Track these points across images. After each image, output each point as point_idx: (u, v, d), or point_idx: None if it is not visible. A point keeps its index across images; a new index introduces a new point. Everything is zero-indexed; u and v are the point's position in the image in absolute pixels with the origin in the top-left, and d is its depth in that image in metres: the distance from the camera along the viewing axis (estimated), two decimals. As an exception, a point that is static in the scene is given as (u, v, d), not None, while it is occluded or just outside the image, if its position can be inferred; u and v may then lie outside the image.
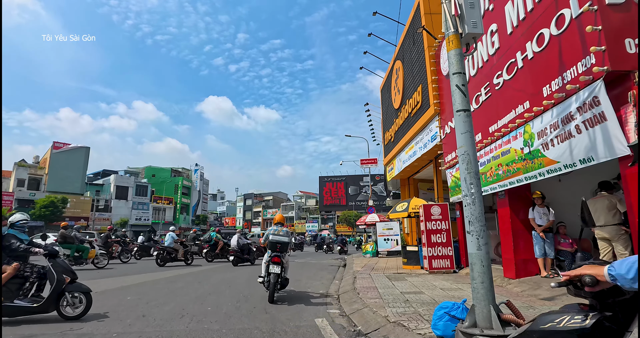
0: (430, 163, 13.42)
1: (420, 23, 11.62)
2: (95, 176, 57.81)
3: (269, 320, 4.84)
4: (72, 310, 4.94)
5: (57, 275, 4.90)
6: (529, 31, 6.29)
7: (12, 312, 4.67)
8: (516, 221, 7.43)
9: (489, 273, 3.33)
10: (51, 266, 4.97)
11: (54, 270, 4.94)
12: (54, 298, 4.82)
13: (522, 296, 6.02)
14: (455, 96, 3.72)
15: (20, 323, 4.57)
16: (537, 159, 6.10)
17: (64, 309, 4.90)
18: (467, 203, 3.52)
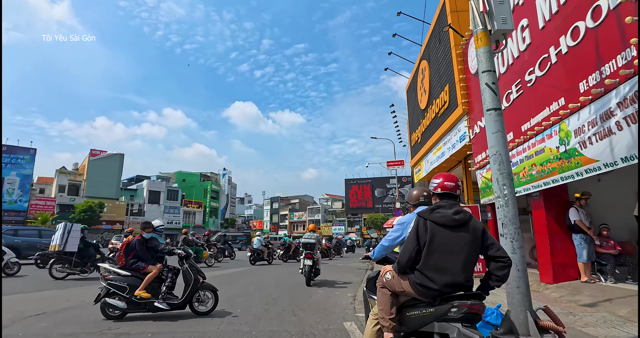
0: (459, 164, 13.09)
1: (447, 21, 11.39)
2: (130, 182, 60.19)
3: (298, 323, 4.85)
4: (203, 307, 5.40)
5: (194, 275, 5.34)
6: (562, 25, 6.03)
7: (152, 309, 5.12)
8: (552, 223, 7.11)
9: (524, 277, 3.20)
10: (188, 267, 5.41)
11: (191, 270, 5.37)
12: (190, 296, 5.28)
13: (561, 302, 5.74)
14: (485, 94, 3.61)
15: (63, 324, 4.80)
16: (574, 158, 5.82)
17: (196, 306, 5.35)
18: (499, 204, 3.40)
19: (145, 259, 5.42)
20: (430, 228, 2.36)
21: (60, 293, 7.23)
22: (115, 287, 5.04)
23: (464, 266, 2.30)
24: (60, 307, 5.79)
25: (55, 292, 7.30)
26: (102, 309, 5.04)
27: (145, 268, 5.33)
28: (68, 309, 5.63)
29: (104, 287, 5.10)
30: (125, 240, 5.62)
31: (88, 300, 6.42)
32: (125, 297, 5.03)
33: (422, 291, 2.31)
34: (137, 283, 5.12)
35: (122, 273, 5.24)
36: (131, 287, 5.06)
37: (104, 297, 5.02)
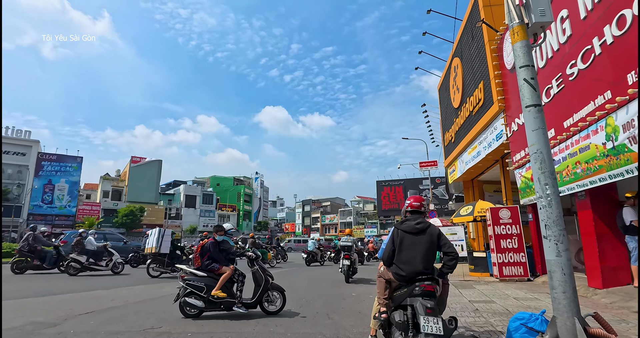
0: (495, 164, 12.63)
1: (479, 17, 11.06)
2: (167, 187, 62.65)
3: (332, 326, 4.84)
4: (273, 306, 5.64)
5: (264, 276, 5.61)
6: (606, 14, 5.70)
7: (227, 309, 5.41)
8: (600, 224, 6.69)
9: (571, 282, 3.03)
10: (259, 268, 5.68)
11: (261, 271, 5.64)
12: (261, 296, 5.54)
13: (612, 308, 5.38)
14: (524, 90, 3.46)
15: (110, 322, 5.05)
16: (623, 155, 5.46)
17: (266, 306, 5.61)
18: (542, 205, 3.24)
19: (219, 260, 5.69)
20: (400, 234, 3.43)
21: (105, 293, 7.62)
22: (194, 287, 5.31)
23: (423, 259, 3.27)
24: (106, 306, 6.10)
25: (101, 292, 7.70)
26: (181, 308, 5.33)
27: (219, 269, 5.59)
28: (114, 308, 5.92)
29: (182, 287, 5.39)
30: (201, 242, 5.92)
31: (132, 300, 6.74)
32: (203, 297, 5.30)
33: (397, 277, 3.34)
34: (212, 284, 5.40)
35: (198, 274, 5.51)
36: (208, 287, 5.33)
37: (183, 297, 5.30)
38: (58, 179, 40.74)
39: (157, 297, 7.20)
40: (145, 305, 6.22)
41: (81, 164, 42.87)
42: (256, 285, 5.59)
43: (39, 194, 39.30)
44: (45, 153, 41.04)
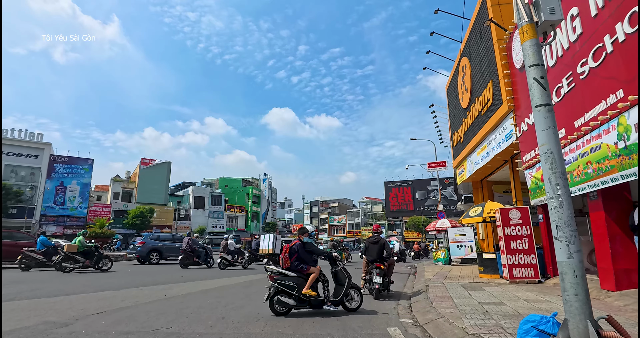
0: (505, 164, 12.50)
1: (488, 16, 10.98)
2: (176, 188, 63.16)
3: (341, 327, 4.83)
4: (355, 303, 6.03)
5: (347, 275, 6.05)
6: (618, 11, 5.61)
7: (315, 306, 5.81)
8: (613, 225, 6.58)
9: (583, 284, 2.98)
10: (342, 268, 6.13)
11: (344, 271, 6.10)
12: (345, 295, 5.92)
13: (626, 311, 5.28)
14: (534, 90, 3.42)
15: (121, 322, 5.11)
16: (635, 155, 5.36)
17: (348, 304, 5.98)
18: (553, 206, 3.19)
19: (307, 261, 6.00)
20: (367, 243, 8.22)
21: (116, 293, 7.71)
22: (286, 286, 5.62)
23: (377, 254, 7.90)
24: (117, 306, 6.17)
25: (112, 293, 7.79)
26: (271, 306, 5.60)
27: (308, 269, 5.90)
28: (124, 309, 5.98)
29: (272, 286, 5.67)
30: (286, 245, 6.23)
31: (142, 300, 6.81)
32: (294, 295, 5.63)
33: (368, 261, 7.98)
34: (302, 283, 5.72)
35: (289, 274, 5.79)
36: (298, 286, 5.66)
37: (274, 295, 5.61)
38: (69, 181, 41.37)
39: (166, 297, 7.26)
40: (155, 306, 6.28)
41: (92, 166, 43.48)
42: (338, 284, 5.99)
43: (51, 196, 39.93)
44: (57, 155, 41.71)
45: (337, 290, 5.95)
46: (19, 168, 38.89)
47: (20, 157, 38.96)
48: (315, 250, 6.20)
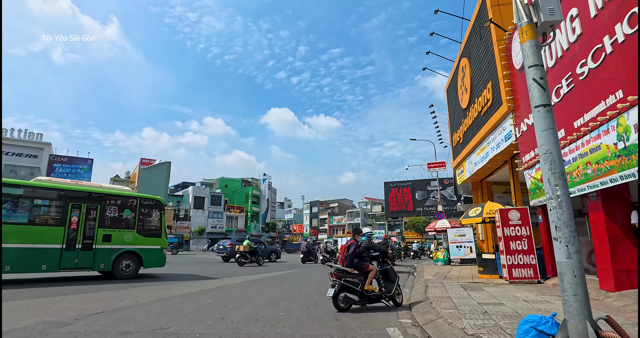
0: (505, 164, 12.51)
1: (487, 16, 10.99)
2: (176, 188, 63.14)
3: (340, 328, 4.83)
4: (399, 299, 6.53)
5: (396, 273, 6.60)
6: (617, 12, 5.62)
7: (373, 301, 6.27)
8: (612, 225, 6.58)
9: (582, 284, 2.98)
10: (391, 267, 6.66)
11: (394, 269, 6.64)
12: (397, 290, 6.46)
13: (625, 311, 5.28)
14: (533, 90, 3.42)
15: (120, 323, 5.10)
16: (635, 155, 5.37)
17: (398, 298, 6.47)
18: (552, 206, 3.20)
19: (365, 259, 6.41)
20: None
21: (115, 293, 7.70)
22: (351, 283, 6.03)
23: None
24: (116, 306, 6.17)
25: (111, 293, 7.78)
26: (334, 302, 5.98)
27: (367, 267, 6.26)
28: (124, 309, 5.97)
29: (337, 284, 6.04)
30: (343, 244, 6.61)
31: (141, 300, 6.80)
32: (358, 291, 6.04)
33: None
34: (362, 281, 6.10)
35: (352, 272, 6.15)
36: (361, 283, 6.08)
37: (340, 292, 6.00)
38: (69, 181, 41.29)
39: (166, 297, 7.25)
40: (154, 306, 6.28)
41: (92, 166, 43.48)
42: (389, 281, 6.44)
43: (51, 196, 39.84)
44: (56, 155, 41.70)
45: (388, 286, 6.36)
46: (18, 167, 38.87)
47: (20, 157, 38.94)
48: (373, 246, 6.68)
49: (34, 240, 9.32)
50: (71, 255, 9.82)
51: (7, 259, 8.73)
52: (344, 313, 5.81)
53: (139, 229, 11.24)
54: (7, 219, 9.04)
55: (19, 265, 8.97)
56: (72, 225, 9.99)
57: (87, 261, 10.09)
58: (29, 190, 9.60)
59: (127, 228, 11.00)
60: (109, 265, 10.43)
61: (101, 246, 10.38)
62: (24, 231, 9.25)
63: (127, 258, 10.82)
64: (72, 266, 9.82)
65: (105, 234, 10.51)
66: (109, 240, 10.56)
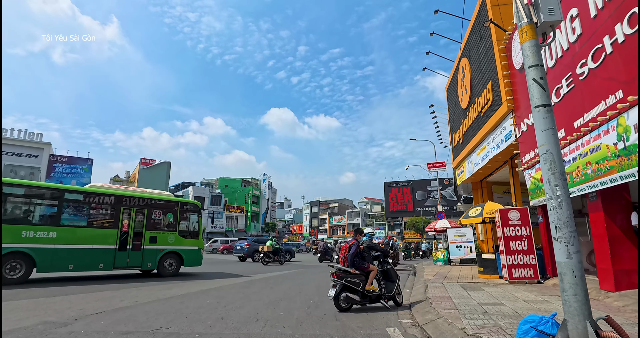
0: (505, 164, 12.51)
1: (487, 16, 10.99)
2: (176, 188, 63.08)
3: (340, 328, 4.83)
4: (400, 298, 6.59)
5: (397, 273, 6.65)
6: (617, 12, 5.62)
7: (374, 301, 6.26)
8: (612, 226, 6.58)
9: (582, 284, 2.98)
10: (392, 267, 6.70)
11: (394, 269, 6.70)
12: (397, 290, 6.52)
13: (625, 311, 5.29)
14: (533, 90, 3.42)
15: (120, 323, 5.10)
16: (634, 156, 5.37)
17: (398, 298, 6.54)
18: (552, 206, 3.20)
19: (367, 259, 6.45)
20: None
21: (115, 293, 7.70)
22: (352, 283, 6.03)
23: None
24: (116, 306, 6.17)
25: (111, 293, 7.78)
26: (335, 302, 5.99)
27: (368, 267, 6.29)
28: (124, 309, 5.97)
29: (339, 284, 6.03)
30: (344, 244, 6.57)
31: (141, 300, 6.80)
32: (359, 291, 6.05)
33: None
34: (364, 281, 6.11)
35: (354, 272, 6.15)
36: (362, 283, 6.09)
37: (341, 292, 5.99)
38: (69, 181, 41.31)
39: (165, 297, 7.25)
40: (154, 306, 6.28)
41: (92, 166, 43.48)
42: (389, 281, 6.50)
43: (51, 196, 39.86)
44: (56, 155, 41.70)
45: (388, 286, 6.41)
46: (18, 167, 38.87)
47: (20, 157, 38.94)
48: (375, 246, 6.74)
49: (92, 241, 10.24)
50: (123, 255, 10.74)
51: (71, 259, 9.73)
52: (344, 313, 5.82)
53: (180, 231, 12.20)
54: (69, 222, 10.04)
55: (80, 264, 9.92)
56: (124, 228, 10.92)
57: (136, 261, 11.03)
58: (87, 195, 10.54)
59: (169, 230, 11.96)
60: (155, 264, 11.41)
61: (148, 246, 11.33)
62: (83, 234, 10.15)
63: (170, 257, 11.80)
64: (124, 265, 10.77)
65: (151, 236, 11.46)
66: (154, 241, 11.49)
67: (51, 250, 9.45)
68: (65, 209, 10.07)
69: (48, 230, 9.53)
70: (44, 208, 10.03)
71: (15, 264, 8.98)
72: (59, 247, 9.57)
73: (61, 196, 10.05)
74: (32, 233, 9.29)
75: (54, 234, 9.59)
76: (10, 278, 8.81)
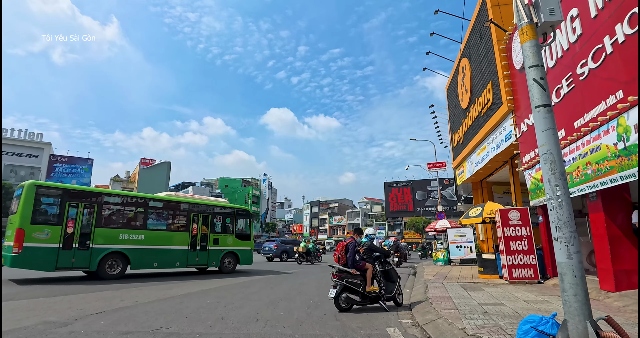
0: (505, 164, 12.51)
1: (488, 16, 10.99)
2: (176, 188, 63.11)
3: (340, 328, 4.82)
4: (400, 298, 6.58)
5: (398, 274, 6.65)
6: (618, 12, 5.62)
7: (373, 302, 6.22)
8: (612, 226, 6.58)
9: (582, 284, 2.98)
10: (393, 267, 6.69)
11: (395, 270, 6.68)
12: (397, 290, 6.48)
13: (625, 311, 5.29)
14: (533, 90, 3.42)
15: (120, 322, 5.10)
16: (635, 156, 5.37)
17: (398, 298, 6.51)
18: (552, 206, 3.20)
19: (367, 260, 6.44)
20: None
21: (115, 293, 7.70)
22: (353, 284, 6.02)
23: None
24: (116, 306, 6.17)
25: (111, 293, 7.78)
26: (336, 302, 5.97)
27: (363, 265, 6.26)
28: (124, 309, 5.97)
29: (340, 284, 6.00)
30: (341, 242, 6.56)
31: (141, 300, 6.80)
32: (360, 292, 6.04)
33: None
34: (363, 281, 6.11)
35: (354, 273, 6.13)
36: (363, 283, 6.08)
37: (341, 293, 5.99)
38: (69, 181, 41.34)
39: (166, 297, 7.25)
40: (154, 306, 6.28)
41: (92, 166, 43.51)
42: (390, 281, 6.47)
43: (51, 196, 39.88)
44: (56, 155, 41.73)
45: (389, 287, 6.37)
46: (18, 167, 38.90)
47: (20, 157, 38.96)
48: (376, 247, 6.72)
49: (171, 242, 11.87)
50: (194, 255, 12.37)
51: (156, 257, 11.38)
52: (344, 313, 5.82)
53: (236, 234, 13.94)
54: (153, 226, 11.69)
55: (163, 262, 11.56)
56: (193, 231, 12.51)
57: (204, 260, 12.66)
58: (166, 203, 12.19)
59: (228, 233, 13.67)
60: (218, 262, 13.05)
61: (212, 247, 12.98)
62: (164, 236, 11.80)
63: (229, 257, 13.51)
64: (194, 263, 12.35)
65: (215, 238, 13.11)
66: (217, 242, 13.15)
67: (141, 250, 11.02)
68: (150, 215, 11.69)
69: (138, 233, 11.12)
70: (134, 214, 11.45)
71: (114, 262, 10.51)
72: (146, 248, 11.16)
73: (147, 204, 11.69)
74: (127, 236, 10.86)
75: (143, 236, 11.16)
76: (111, 274, 10.35)
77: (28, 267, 9.22)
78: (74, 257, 9.79)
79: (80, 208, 10.22)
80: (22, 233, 9.12)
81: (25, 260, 9.08)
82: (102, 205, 10.65)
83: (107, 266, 10.32)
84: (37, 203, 9.56)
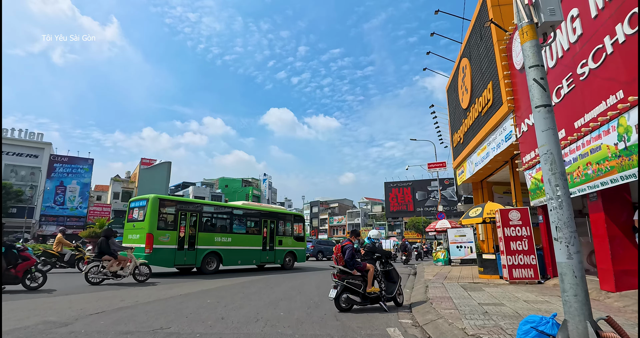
0: (505, 165, 12.51)
1: (488, 16, 10.99)
2: (177, 188, 63.11)
3: (340, 328, 4.82)
4: (401, 299, 6.61)
5: (398, 274, 6.67)
6: (618, 12, 5.62)
7: (373, 302, 6.22)
8: (613, 226, 6.58)
9: (582, 284, 2.98)
10: (394, 268, 6.69)
11: (396, 270, 6.69)
12: (398, 291, 6.54)
13: (625, 312, 5.28)
14: (534, 90, 3.42)
15: (120, 322, 5.10)
16: (635, 156, 5.36)
17: (399, 298, 6.54)
18: (552, 206, 3.20)
19: (367, 262, 6.49)
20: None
21: (115, 293, 7.70)
22: (354, 285, 6.02)
23: None
24: (117, 306, 6.17)
25: (111, 293, 7.79)
26: (336, 302, 5.99)
27: (365, 266, 6.29)
28: (124, 308, 5.98)
29: (340, 285, 6.01)
30: (338, 245, 6.54)
31: (142, 300, 6.80)
32: (360, 293, 6.05)
33: None
34: (364, 282, 6.13)
35: (354, 273, 6.14)
36: (364, 284, 6.11)
37: (342, 293, 5.99)
38: (69, 181, 41.36)
39: (166, 297, 7.26)
40: (154, 306, 6.28)
41: (92, 166, 43.49)
42: (391, 282, 6.49)
43: (51, 196, 39.93)
44: (57, 155, 41.72)
45: (390, 287, 6.39)
46: (19, 167, 38.92)
47: (20, 157, 38.97)
48: (377, 249, 6.72)
49: (249, 244, 14.35)
50: (264, 254, 14.86)
51: (239, 256, 13.79)
52: (344, 313, 5.82)
53: (294, 236, 16.51)
54: (237, 230, 14.08)
55: (244, 260, 13.98)
56: (264, 234, 14.96)
57: (272, 258, 15.19)
58: (245, 211, 14.76)
59: (288, 236, 16.18)
60: (282, 260, 15.56)
61: (278, 248, 15.47)
62: (244, 238, 14.22)
63: (289, 255, 16.01)
64: (265, 261, 14.90)
65: (279, 240, 15.61)
66: (281, 243, 15.65)
67: (230, 250, 13.41)
68: (234, 221, 14.11)
69: (227, 236, 13.48)
70: (224, 221, 13.96)
71: (211, 260, 12.83)
72: (233, 248, 13.56)
73: (232, 212, 14.25)
74: (220, 239, 13.20)
75: (230, 239, 13.52)
76: (209, 270, 12.68)
77: (155, 264, 11.15)
78: (185, 256, 12.08)
79: (188, 216, 12.55)
80: (152, 238, 11.28)
81: (154, 258, 11.14)
82: (202, 213, 12.99)
83: (206, 263, 12.61)
84: (160, 212, 11.80)
